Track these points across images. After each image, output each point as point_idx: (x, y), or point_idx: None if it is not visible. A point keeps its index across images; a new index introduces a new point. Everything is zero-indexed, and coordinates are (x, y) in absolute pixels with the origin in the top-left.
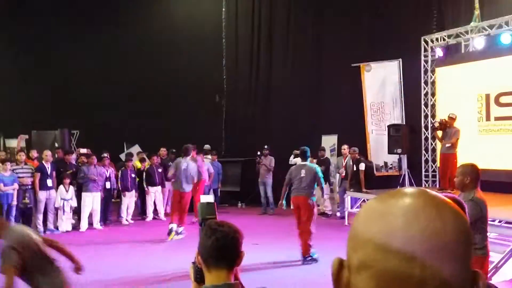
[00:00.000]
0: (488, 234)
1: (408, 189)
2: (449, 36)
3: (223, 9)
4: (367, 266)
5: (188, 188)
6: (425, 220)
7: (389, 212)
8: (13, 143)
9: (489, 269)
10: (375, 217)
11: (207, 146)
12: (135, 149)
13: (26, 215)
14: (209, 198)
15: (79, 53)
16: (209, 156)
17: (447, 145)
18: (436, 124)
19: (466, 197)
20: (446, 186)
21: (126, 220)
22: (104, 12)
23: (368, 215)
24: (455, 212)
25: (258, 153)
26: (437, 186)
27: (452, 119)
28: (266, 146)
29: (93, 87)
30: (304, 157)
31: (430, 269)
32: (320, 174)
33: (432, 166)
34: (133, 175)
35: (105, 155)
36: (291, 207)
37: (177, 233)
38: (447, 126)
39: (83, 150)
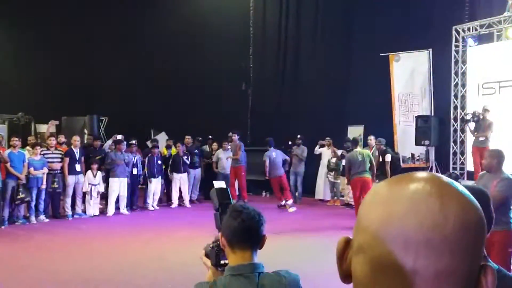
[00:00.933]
0: None
1: (419, 174)
2: (481, 26)
3: None
4: (363, 250)
5: (281, 171)
6: (426, 211)
7: (392, 199)
8: (43, 128)
9: None
10: (378, 202)
11: (231, 134)
12: (162, 136)
13: (54, 199)
14: (222, 183)
15: (111, 41)
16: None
17: (481, 138)
18: (469, 116)
19: (498, 177)
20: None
21: (152, 206)
22: (136, 1)
23: (372, 199)
24: (462, 204)
25: (290, 142)
26: (465, 179)
27: (486, 111)
28: (299, 136)
29: (123, 75)
30: (356, 145)
31: (424, 260)
32: (372, 157)
33: (460, 159)
34: (159, 162)
35: (133, 141)
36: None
37: (290, 206)
38: (480, 119)
39: (119, 136)
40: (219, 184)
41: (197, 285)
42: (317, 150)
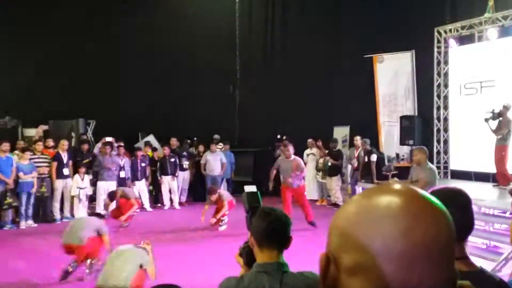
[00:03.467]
0: (500, 225)
1: (398, 188)
2: (462, 27)
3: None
4: (365, 269)
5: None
6: (424, 225)
7: (387, 215)
8: (31, 132)
9: (499, 261)
10: (372, 219)
11: (216, 136)
12: (150, 139)
13: (43, 204)
14: (253, 188)
15: (95, 44)
16: (220, 146)
17: (498, 136)
18: (489, 115)
19: (424, 167)
20: (500, 182)
21: (138, 208)
22: (120, 3)
23: (363, 216)
24: (445, 214)
25: (278, 136)
26: (449, 177)
27: (506, 108)
28: (284, 137)
29: (110, 78)
30: None
31: (427, 273)
32: None
33: (444, 158)
34: (142, 164)
35: (121, 144)
36: None
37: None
38: (499, 116)
39: (109, 139)
40: (249, 188)
41: (227, 280)
42: (306, 159)
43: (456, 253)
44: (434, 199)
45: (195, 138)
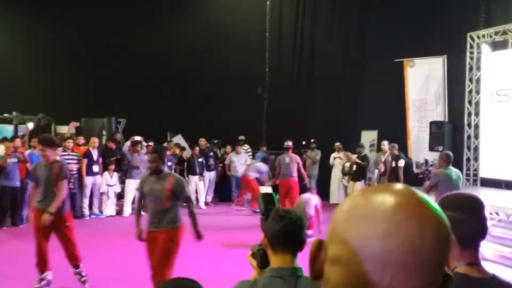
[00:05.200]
0: None
1: (397, 191)
2: (496, 33)
3: (268, 2)
4: (341, 263)
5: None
6: (405, 233)
7: (372, 216)
8: (63, 129)
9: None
10: (358, 217)
11: (241, 137)
12: (178, 138)
13: (71, 200)
14: (268, 189)
15: (129, 45)
16: (246, 147)
17: None
18: None
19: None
20: None
21: None
22: (150, 3)
23: (352, 212)
24: (437, 224)
25: (304, 142)
26: (478, 185)
27: None
28: (312, 140)
29: (141, 78)
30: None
31: (400, 278)
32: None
33: (474, 165)
34: (169, 164)
35: (150, 143)
36: None
37: None
38: None
39: (137, 138)
40: (264, 189)
41: (240, 283)
42: (332, 162)
43: (466, 259)
44: (432, 205)
45: (215, 141)
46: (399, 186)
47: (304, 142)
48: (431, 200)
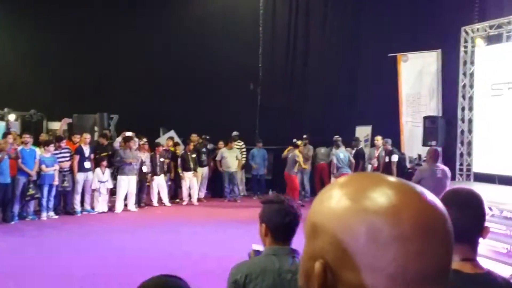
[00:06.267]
0: None
1: (393, 185)
2: (490, 27)
3: None
4: (322, 252)
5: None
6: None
7: (368, 211)
8: (55, 125)
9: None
10: (352, 211)
11: (235, 133)
12: (171, 134)
13: (64, 196)
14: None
15: (118, 39)
16: (240, 143)
17: None
18: None
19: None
20: None
21: (158, 203)
22: (148, 1)
23: (326, 202)
24: (451, 233)
25: (294, 140)
26: (471, 180)
27: None
28: (304, 136)
29: (133, 74)
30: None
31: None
32: None
33: (467, 160)
34: (161, 160)
35: (144, 140)
36: None
37: None
38: None
39: (129, 133)
40: (256, 247)
41: (237, 264)
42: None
43: (461, 254)
44: (436, 201)
45: (207, 137)
46: (396, 180)
47: (294, 140)
48: (434, 197)
